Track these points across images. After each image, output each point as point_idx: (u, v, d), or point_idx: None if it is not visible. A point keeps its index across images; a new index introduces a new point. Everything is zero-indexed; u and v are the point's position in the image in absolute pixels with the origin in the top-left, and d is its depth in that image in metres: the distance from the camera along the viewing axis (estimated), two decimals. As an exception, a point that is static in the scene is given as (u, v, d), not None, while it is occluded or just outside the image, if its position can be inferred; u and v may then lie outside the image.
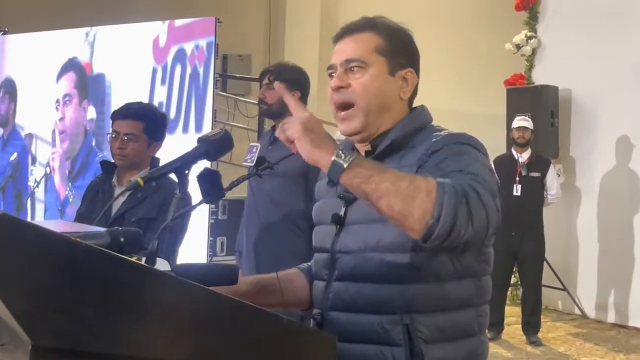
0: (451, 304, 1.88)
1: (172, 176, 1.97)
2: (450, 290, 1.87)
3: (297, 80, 4.29)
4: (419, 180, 1.66)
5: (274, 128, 4.33)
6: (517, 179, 7.08)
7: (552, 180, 7.35)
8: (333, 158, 1.66)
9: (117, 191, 3.48)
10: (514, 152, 7.24)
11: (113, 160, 3.58)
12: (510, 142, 7.49)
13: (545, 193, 7.28)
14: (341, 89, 1.94)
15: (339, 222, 1.97)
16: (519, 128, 7.23)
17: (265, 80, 4.30)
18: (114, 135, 3.48)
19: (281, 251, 4.05)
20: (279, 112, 4.16)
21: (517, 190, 7.01)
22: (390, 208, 1.64)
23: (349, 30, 2.00)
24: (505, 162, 7.15)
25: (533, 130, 7.34)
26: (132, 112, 3.55)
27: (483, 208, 1.69)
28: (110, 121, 3.61)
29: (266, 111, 4.35)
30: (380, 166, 1.72)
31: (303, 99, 4.24)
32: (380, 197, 1.64)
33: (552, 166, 7.45)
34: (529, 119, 7.49)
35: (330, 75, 1.99)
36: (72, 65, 7.85)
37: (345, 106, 1.95)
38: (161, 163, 3.49)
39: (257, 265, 4.12)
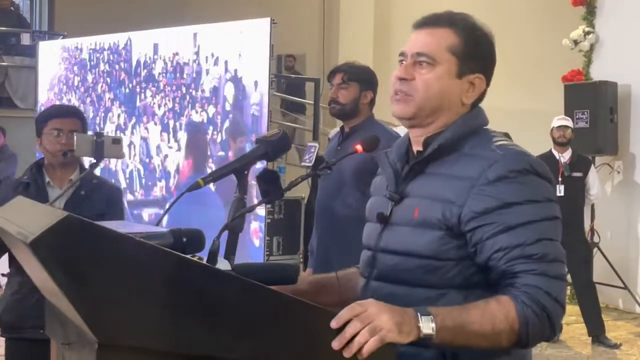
0: None
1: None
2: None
3: (370, 81, 4.17)
4: (498, 316, 1.73)
5: (342, 129, 4.27)
6: (560, 179, 6.94)
7: (594, 181, 7.21)
8: (422, 334, 1.68)
9: (56, 192, 3.37)
10: (554, 152, 7.08)
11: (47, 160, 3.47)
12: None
13: (586, 193, 7.17)
14: (404, 80, 1.92)
15: (384, 220, 1.96)
16: (559, 127, 7.08)
17: (338, 80, 4.13)
18: (55, 134, 3.38)
19: (349, 247, 3.99)
20: (352, 111, 4.09)
21: (560, 190, 6.84)
22: (480, 347, 1.76)
23: (429, 22, 1.96)
24: (547, 162, 6.97)
25: (573, 129, 7.22)
26: (73, 110, 3.64)
27: (561, 308, 1.79)
28: (38, 121, 3.49)
29: (339, 111, 4.15)
30: (460, 316, 1.72)
31: (374, 99, 4.17)
32: (471, 345, 1.75)
33: (592, 166, 7.32)
34: (568, 118, 7.38)
35: (400, 62, 1.95)
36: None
37: (403, 94, 1.93)
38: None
39: (328, 263, 4.04)
